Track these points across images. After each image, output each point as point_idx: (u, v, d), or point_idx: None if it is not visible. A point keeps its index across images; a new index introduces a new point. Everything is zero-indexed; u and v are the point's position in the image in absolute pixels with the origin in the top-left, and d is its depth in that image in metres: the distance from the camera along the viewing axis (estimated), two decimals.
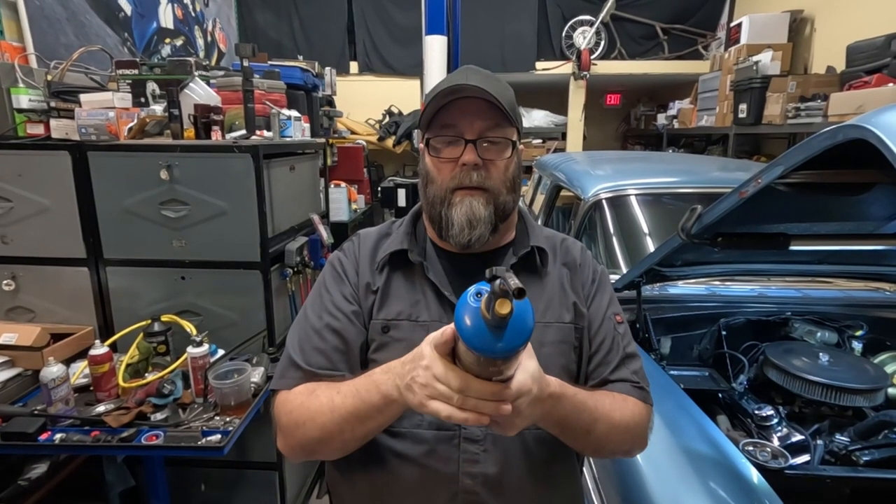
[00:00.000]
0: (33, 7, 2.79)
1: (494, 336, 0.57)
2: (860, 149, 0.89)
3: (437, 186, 0.94)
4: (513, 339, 0.58)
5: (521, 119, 0.98)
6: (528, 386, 0.67)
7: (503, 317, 0.54)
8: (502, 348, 0.58)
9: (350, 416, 0.79)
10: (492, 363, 0.61)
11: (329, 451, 0.87)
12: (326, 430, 0.82)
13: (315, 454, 0.88)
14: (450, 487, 0.88)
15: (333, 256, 1.04)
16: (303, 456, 0.90)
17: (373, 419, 0.79)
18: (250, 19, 6.17)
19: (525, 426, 0.72)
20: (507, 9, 6.33)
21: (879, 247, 1.75)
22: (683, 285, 2.06)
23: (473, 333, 0.57)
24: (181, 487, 2.20)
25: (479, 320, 0.57)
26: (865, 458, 1.34)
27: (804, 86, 3.98)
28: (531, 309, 0.60)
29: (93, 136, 1.98)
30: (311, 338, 0.94)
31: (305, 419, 0.85)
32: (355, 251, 1.02)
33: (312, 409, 0.84)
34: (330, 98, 4.41)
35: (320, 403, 0.83)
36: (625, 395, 0.93)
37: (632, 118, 8.28)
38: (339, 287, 0.98)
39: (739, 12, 5.89)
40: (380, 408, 0.76)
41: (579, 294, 1.00)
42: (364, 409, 0.78)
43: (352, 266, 1.00)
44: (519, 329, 0.58)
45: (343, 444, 0.83)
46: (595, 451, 0.95)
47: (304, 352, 0.93)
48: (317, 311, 0.97)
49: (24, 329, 1.92)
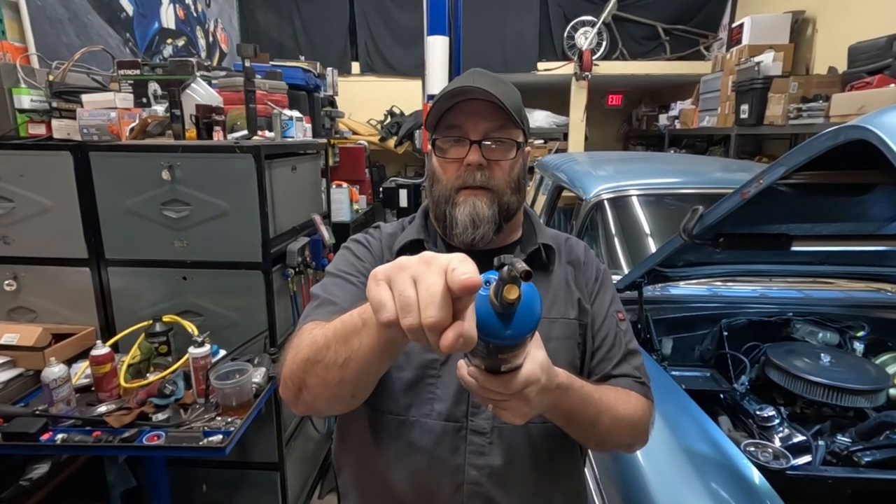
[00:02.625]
0: (35, 7, 2.79)
1: (503, 323, 0.57)
2: (862, 149, 0.89)
3: (442, 186, 0.96)
4: (521, 326, 0.58)
5: (527, 121, 1.00)
6: (538, 375, 0.67)
7: (511, 302, 0.54)
8: (511, 335, 0.58)
9: (335, 333, 0.72)
10: (500, 350, 0.61)
11: (315, 385, 0.77)
12: (316, 346, 0.75)
13: (305, 390, 0.79)
14: (455, 478, 0.89)
15: (358, 235, 1.06)
16: (294, 392, 0.81)
17: (353, 339, 0.69)
18: (252, 20, 6.17)
19: (533, 415, 0.72)
20: (509, 9, 6.33)
21: (881, 247, 1.75)
22: (685, 286, 2.05)
23: (482, 321, 0.57)
24: (183, 488, 2.20)
25: (488, 308, 0.57)
26: (867, 458, 1.34)
27: (806, 86, 3.97)
28: (539, 297, 0.60)
29: (94, 136, 1.98)
30: (341, 285, 0.94)
31: (299, 343, 0.82)
32: (379, 234, 1.06)
33: (305, 332, 0.83)
34: (332, 98, 4.41)
35: (312, 326, 0.82)
36: (628, 389, 0.94)
37: (633, 119, 8.28)
38: (365, 254, 1.01)
39: (741, 13, 5.88)
40: (357, 328, 0.68)
41: (583, 291, 1.01)
42: (342, 330, 0.70)
43: (377, 244, 1.03)
44: (527, 315, 0.58)
45: (325, 370, 0.73)
46: (599, 443, 0.94)
47: (332, 293, 0.93)
48: (343, 269, 0.97)
49: (26, 329, 1.92)
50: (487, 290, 0.57)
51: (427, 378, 0.92)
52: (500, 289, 0.55)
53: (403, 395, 0.92)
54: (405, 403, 0.92)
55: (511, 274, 0.53)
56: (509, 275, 0.53)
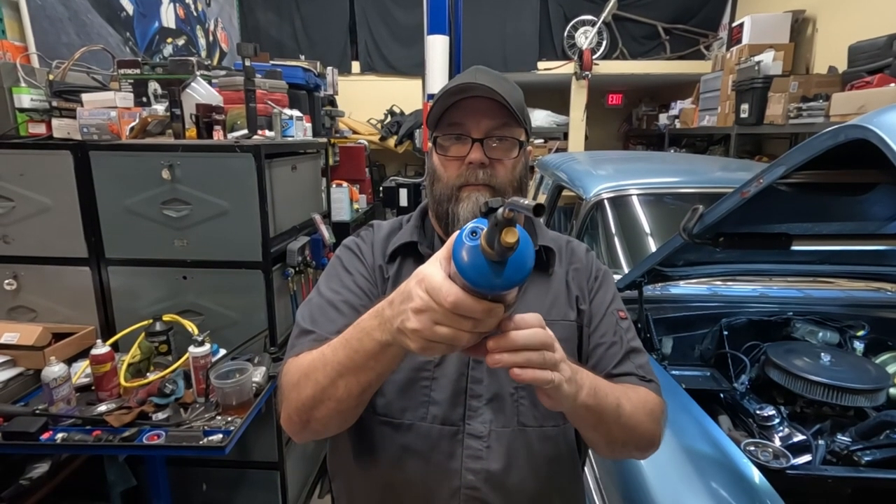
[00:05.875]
0: (35, 6, 2.79)
1: (498, 271, 0.53)
2: (862, 149, 0.89)
3: (443, 184, 0.94)
4: (518, 270, 0.54)
5: (529, 119, 0.99)
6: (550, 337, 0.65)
7: (511, 246, 0.50)
8: (507, 282, 0.54)
9: (343, 368, 0.73)
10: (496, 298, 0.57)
11: (326, 416, 0.78)
12: (320, 387, 0.76)
13: (313, 421, 0.80)
14: (452, 482, 0.88)
15: (349, 240, 1.04)
16: (301, 426, 0.82)
17: (370, 368, 0.71)
18: (252, 19, 6.17)
19: (571, 397, 0.69)
20: (509, 8, 6.33)
21: (881, 247, 1.75)
22: (685, 285, 2.06)
23: (475, 273, 0.53)
24: (183, 487, 2.20)
25: (479, 258, 0.53)
26: (867, 458, 1.34)
27: (806, 86, 3.97)
28: (531, 243, 0.56)
29: (94, 135, 1.98)
30: (326, 310, 0.92)
31: (299, 378, 0.80)
32: (371, 237, 1.03)
33: (305, 365, 0.80)
34: (332, 98, 4.41)
35: (312, 359, 0.79)
36: (633, 385, 0.91)
37: (633, 118, 8.27)
38: (356, 266, 0.98)
39: (741, 12, 5.88)
40: (374, 354, 0.69)
41: (582, 291, 1.00)
42: (358, 358, 0.71)
43: (368, 249, 1.01)
44: (523, 258, 0.54)
45: (338, 403, 0.75)
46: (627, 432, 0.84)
47: (317, 322, 0.91)
48: (333, 287, 0.95)
49: (26, 328, 1.92)
50: (477, 240, 0.54)
51: (421, 380, 0.91)
52: (494, 234, 0.51)
53: (398, 398, 0.91)
54: (400, 407, 0.90)
55: (507, 217, 0.49)
56: (505, 217, 0.50)
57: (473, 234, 0.54)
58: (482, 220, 0.55)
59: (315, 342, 0.84)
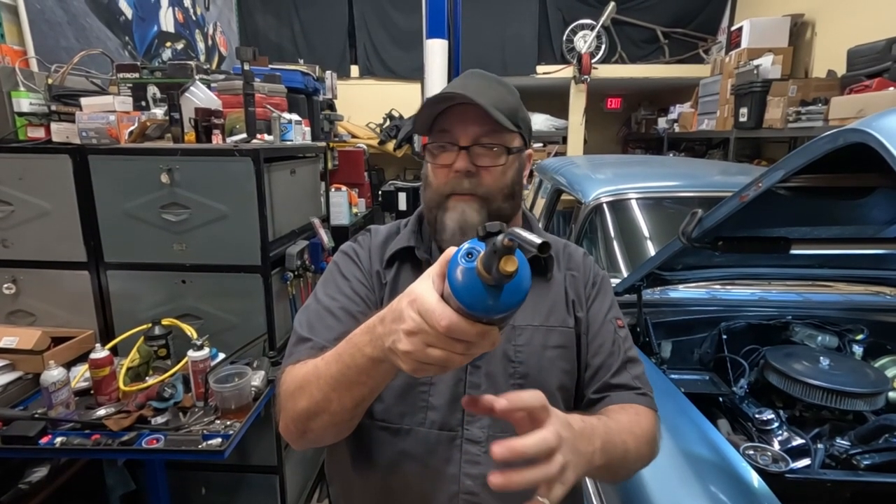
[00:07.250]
0: (34, 10, 2.79)
1: (493, 295, 0.52)
2: (861, 153, 0.89)
3: (433, 191, 0.95)
4: (513, 296, 0.53)
5: (527, 123, 0.98)
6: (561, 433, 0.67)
7: (510, 275, 0.49)
8: (503, 306, 0.53)
9: (335, 383, 0.73)
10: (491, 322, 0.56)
11: (322, 428, 0.79)
12: (314, 400, 0.76)
13: (309, 432, 0.81)
14: (450, 488, 0.88)
15: (346, 245, 1.04)
16: (298, 435, 0.83)
17: (362, 383, 0.71)
18: (251, 23, 6.18)
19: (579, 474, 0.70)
20: (508, 13, 6.35)
21: (880, 251, 1.75)
22: (684, 289, 2.06)
23: (469, 295, 0.52)
24: (182, 491, 2.20)
25: (475, 281, 0.52)
26: (866, 462, 1.34)
27: (805, 90, 3.99)
28: (529, 268, 0.55)
29: (93, 139, 1.99)
30: (324, 317, 0.92)
31: (295, 389, 0.80)
32: (369, 242, 1.03)
33: (300, 377, 0.80)
34: (331, 102, 4.42)
35: (307, 371, 0.79)
36: (633, 405, 0.91)
37: (632, 122, 8.30)
38: (353, 272, 0.98)
39: (740, 16, 5.90)
40: (366, 370, 0.69)
41: (580, 297, 1.00)
42: (350, 374, 0.71)
43: (365, 255, 1.01)
44: (518, 284, 0.53)
45: (332, 416, 0.76)
46: (629, 473, 0.88)
47: (315, 329, 0.91)
48: (330, 294, 0.95)
49: (25, 332, 1.92)
50: (473, 263, 0.53)
51: (419, 386, 0.90)
52: (492, 260, 0.50)
53: (396, 404, 0.90)
54: (398, 412, 0.90)
55: (507, 245, 0.49)
56: (505, 245, 0.49)
57: (469, 255, 0.53)
58: (478, 242, 0.54)
59: (312, 350, 0.85)
